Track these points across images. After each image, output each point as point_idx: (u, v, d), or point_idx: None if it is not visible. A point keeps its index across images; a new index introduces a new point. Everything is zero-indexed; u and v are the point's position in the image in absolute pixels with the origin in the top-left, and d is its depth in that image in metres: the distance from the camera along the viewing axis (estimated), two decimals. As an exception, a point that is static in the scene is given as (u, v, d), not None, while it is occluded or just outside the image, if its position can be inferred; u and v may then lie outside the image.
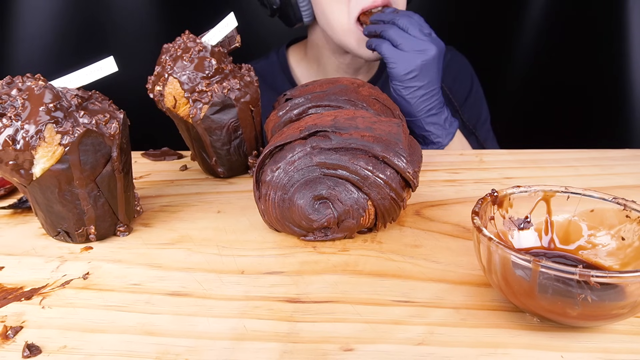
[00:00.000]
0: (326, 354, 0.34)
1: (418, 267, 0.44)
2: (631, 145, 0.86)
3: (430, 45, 0.72)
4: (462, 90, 0.97)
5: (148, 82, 0.60)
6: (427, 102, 0.74)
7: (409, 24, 0.73)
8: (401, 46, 0.72)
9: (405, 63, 0.72)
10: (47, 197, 0.45)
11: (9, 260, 0.46)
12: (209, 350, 0.35)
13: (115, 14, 1.13)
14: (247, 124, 0.60)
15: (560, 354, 0.34)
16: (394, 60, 0.72)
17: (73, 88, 0.46)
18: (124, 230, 0.50)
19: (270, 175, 0.47)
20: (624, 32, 1.02)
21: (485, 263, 0.36)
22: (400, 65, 0.72)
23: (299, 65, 0.99)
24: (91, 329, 0.37)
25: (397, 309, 0.39)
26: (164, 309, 0.39)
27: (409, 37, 0.72)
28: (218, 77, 0.57)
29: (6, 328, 0.37)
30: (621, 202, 0.40)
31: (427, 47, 0.72)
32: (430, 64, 0.72)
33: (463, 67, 0.99)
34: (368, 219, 0.47)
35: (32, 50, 1.08)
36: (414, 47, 0.72)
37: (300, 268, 0.44)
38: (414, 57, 0.72)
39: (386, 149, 0.46)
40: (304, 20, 0.88)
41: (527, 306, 0.35)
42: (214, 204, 0.57)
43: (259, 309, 0.39)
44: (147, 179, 0.64)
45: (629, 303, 0.32)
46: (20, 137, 0.42)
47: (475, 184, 0.60)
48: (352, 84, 0.56)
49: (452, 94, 0.93)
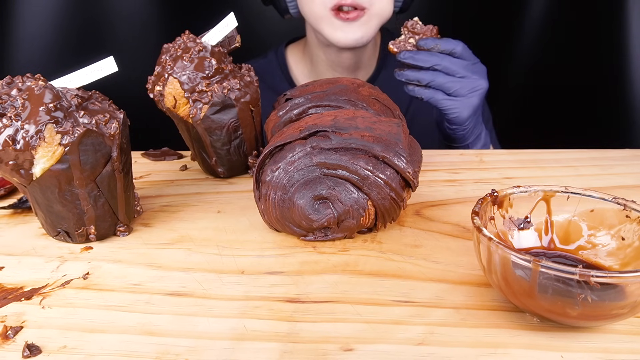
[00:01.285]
0: (326, 354, 0.34)
1: (418, 267, 0.44)
2: (632, 145, 0.86)
3: (480, 79, 0.69)
4: None
5: (148, 82, 0.60)
6: (476, 129, 0.74)
7: (455, 65, 0.68)
8: (456, 92, 0.68)
9: (466, 109, 0.69)
10: (47, 197, 0.45)
11: (9, 260, 0.46)
12: (209, 350, 0.35)
13: (116, 14, 1.13)
14: (247, 124, 0.60)
15: (560, 354, 0.34)
16: (454, 109, 0.69)
17: (73, 88, 0.46)
18: (124, 230, 0.50)
19: (270, 175, 0.47)
20: (625, 32, 1.02)
21: (485, 263, 0.36)
22: (463, 112, 0.69)
23: (297, 64, 0.99)
24: (91, 329, 0.37)
25: (397, 309, 0.39)
26: (164, 309, 0.39)
27: (460, 80, 0.68)
28: (218, 77, 0.57)
29: (6, 328, 0.37)
30: (621, 202, 0.40)
31: (479, 83, 0.69)
32: (483, 97, 0.70)
33: None
34: (368, 219, 0.47)
35: (32, 50, 1.08)
36: (468, 88, 0.68)
37: (300, 268, 0.44)
38: (472, 98, 0.68)
39: (386, 149, 0.46)
40: (289, 11, 0.89)
41: (527, 306, 0.35)
42: (214, 204, 0.57)
43: (259, 309, 0.39)
44: (147, 179, 0.64)
45: (629, 303, 0.32)
46: (20, 137, 0.42)
47: (475, 184, 0.60)
48: (352, 84, 0.56)
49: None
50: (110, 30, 1.13)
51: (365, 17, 0.80)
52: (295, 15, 0.89)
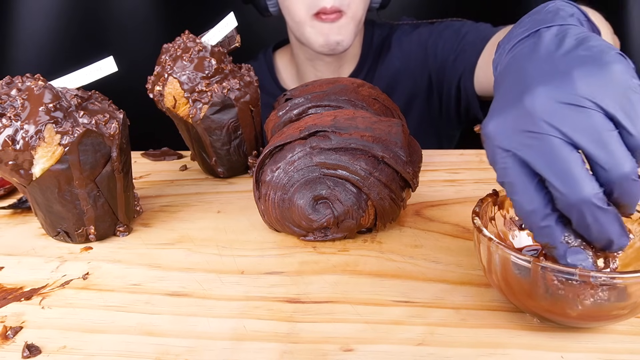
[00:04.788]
0: (326, 354, 0.34)
1: (418, 267, 0.44)
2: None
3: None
4: (450, 57, 0.89)
5: (148, 82, 0.60)
6: None
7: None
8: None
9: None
10: (47, 197, 0.45)
11: (9, 260, 0.46)
12: (209, 350, 0.35)
13: (115, 14, 1.13)
14: (247, 124, 0.60)
15: (560, 354, 0.34)
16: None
17: (73, 88, 0.46)
18: (124, 231, 0.50)
19: (270, 175, 0.47)
20: (625, 32, 1.01)
21: (485, 263, 0.36)
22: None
23: (285, 67, 1.00)
24: (91, 329, 0.37)
25: (397, 309, 0.39)
26: (163, 309, 0.39)
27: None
28: (218, 77, 0.57)
29: (6, 328, 0.37)
30: (621, 202, 0.39)
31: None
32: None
33: (417, 41, 0.93)
34: (368, 219, 0.47)
35: (32, 51, 1.08)
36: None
37: (300, 268, 0.44)
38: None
39: (386, 149, 0.46)
40: (269, 9, 0.89)
41: (527, 306, 0.35)
42: (214, 204, 0.57)
43: (259, 309, 0.39)
44: (147, 179, 0.64)
45: (629, 304, 0.32)
46: (19, 137, 0.42)
47: (475, 184, 0.60)
48: (352, 84, 0.56)
49: (466, 88, 0.87)
50: (110, 30, 1.13)
51: (343, 19, 0.82)
52: (275, 13, 0.90)
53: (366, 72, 0.95)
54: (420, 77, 0.93)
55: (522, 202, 0.31)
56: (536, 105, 0.29)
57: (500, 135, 0.31)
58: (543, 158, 0.29)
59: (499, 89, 0.33)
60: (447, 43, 0.90)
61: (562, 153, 0.29)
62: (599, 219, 0.30)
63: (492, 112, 0.32)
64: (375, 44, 0.96)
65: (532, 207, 0.31)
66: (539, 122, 0.29)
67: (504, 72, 0.33)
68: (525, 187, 0.31)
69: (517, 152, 0.30)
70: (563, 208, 0.30)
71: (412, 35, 0.94)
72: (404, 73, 0.94)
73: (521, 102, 0.30)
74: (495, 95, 0.33)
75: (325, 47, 0.84)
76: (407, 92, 0.94)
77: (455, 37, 0.89)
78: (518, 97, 0.30)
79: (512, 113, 0.30)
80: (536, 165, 0.30)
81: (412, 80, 0.93)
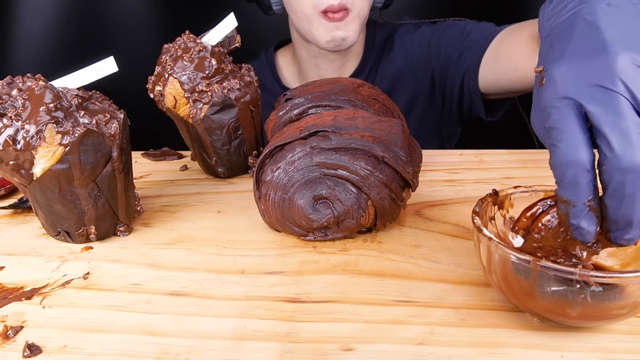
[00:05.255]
0: (326, 354, 0.34)
1: (418, 267, 0.44)
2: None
3: None
4: (453, 57, 0.89)
5: (148, 82, 0.60)
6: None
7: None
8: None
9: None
10: (48, 197, 0.45)
11: (10, 260, 0.46)
12: (209, 350, 0.35)
13: (116, 14, 1.13)
14: (247, 124, 0.60)
15: (560, 354, 0.34)
16: None
17: (73, 88, 0.46)
18: (124, 230, 0.50)
19: (270, 175, 0.47)
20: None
21: (485, 263, 0.36)
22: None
23: (287, 66, 1.00)
24: (91, 328, 0.37)
25: (397, 309, 0.39)
26: (164, 309, 0.39)
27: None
28: (218, 77, 0.57)
29: (6, 328, 0.37)
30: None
31: None
32: None
33: (420, 40, 0.93)
34: (368, 218, 0.47)
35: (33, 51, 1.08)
36: None
37: (300, 268, 0.44)
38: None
39: (386, 149, 0.46)
40: (273, 8, 0.89)
41: (527, 306, 0.35)
42: (214, 204, 0.57)
43: (259, 309, 0.39)
44: (147, 179, 0.64)
45: (629, 303, 0.32)
46: (20, 137, 0.42)
47: (475, 184, 0.60)
48: (352, 84, 0.56)
49: (469, 86, 0.87)
50: (110, 30, 1.13)
51: (349, 17, 0.82)
52: (279, 12, 0.90)
53: (369, 70, 0.95)
54: (422, 75, 0.93)
55: (566, 150, 0.30)
56: (618, 64, 0.29)
57: (569, 81, 0.30)
58: (609, 115, 0.29)
59: (561, 37, 0.33)
60: (451, 41, 0.90)
61: (629, 115, 0.29)
62: (636, 193, 0.29)
63: (558, 57, 0.32)
64: (378, 43, 0.96)
65: (574, 157, 0.30)
66: (616, 80, 0.29)
67: (573, 20, 0.33)
68: (575, 137, 0.30)
69: (583, 102, 0.30)
70: (607, 171, 0.30)
71: (414, 34, 0.94)
72: (407, 71, 0.94)
73: (602, 57, 0.30)
74: (554, 42, 0.33)
75: (331, 44, 0.84)
76: (409, 90, 0.94)
77: (459, 35, 0.89)
78: (597, 51, 0.30)
79: (587, 65, 0.30)
80: (600, 120, 0.29)
81: (415, 78, 0.93)
